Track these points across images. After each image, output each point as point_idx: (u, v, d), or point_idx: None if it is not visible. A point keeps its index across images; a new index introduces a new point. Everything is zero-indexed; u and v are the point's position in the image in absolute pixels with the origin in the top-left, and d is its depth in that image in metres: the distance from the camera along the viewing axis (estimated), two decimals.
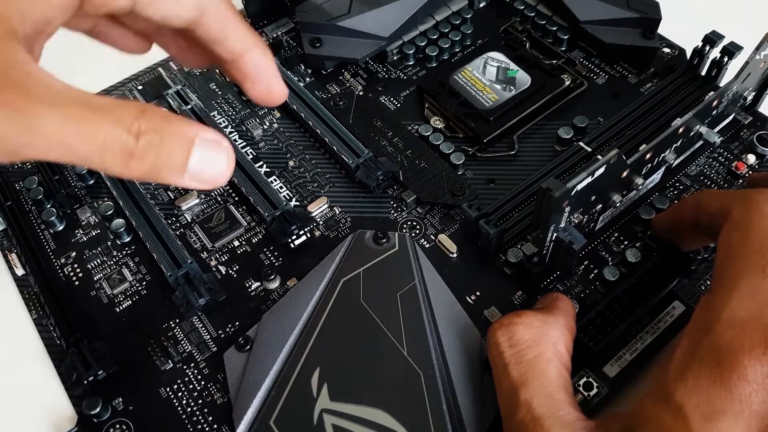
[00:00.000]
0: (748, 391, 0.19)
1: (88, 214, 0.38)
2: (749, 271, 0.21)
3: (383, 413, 0.27)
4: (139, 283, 0.35)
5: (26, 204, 0.38)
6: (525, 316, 0.26)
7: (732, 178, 0.36)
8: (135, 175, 0.20)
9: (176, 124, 0.21)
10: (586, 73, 0.42)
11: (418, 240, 0.35)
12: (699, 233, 0.28)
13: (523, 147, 0.39)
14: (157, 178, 0.21)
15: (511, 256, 0.33)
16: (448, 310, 0.30)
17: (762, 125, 0.38)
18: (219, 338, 0.32)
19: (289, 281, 0.34)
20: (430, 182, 0.37)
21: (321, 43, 0.42)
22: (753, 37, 0.32)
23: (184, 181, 0.21)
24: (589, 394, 0.29)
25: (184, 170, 0.21)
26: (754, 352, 0.19)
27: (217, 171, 0.22)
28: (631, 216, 0.35)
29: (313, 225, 0.36)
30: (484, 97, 0.39)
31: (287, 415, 0.28)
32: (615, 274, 0.31)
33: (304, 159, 0.40)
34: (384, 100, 0.42)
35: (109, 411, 0.30)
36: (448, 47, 0.44)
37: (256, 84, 0.27)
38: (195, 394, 0.31)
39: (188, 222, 0.37)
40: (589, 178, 0.26)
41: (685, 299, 0.31)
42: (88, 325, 0.33)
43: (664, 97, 0.38)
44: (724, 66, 0.37)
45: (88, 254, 0.36)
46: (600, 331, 0.29)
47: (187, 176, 0.21)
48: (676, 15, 0.42)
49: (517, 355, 0.25)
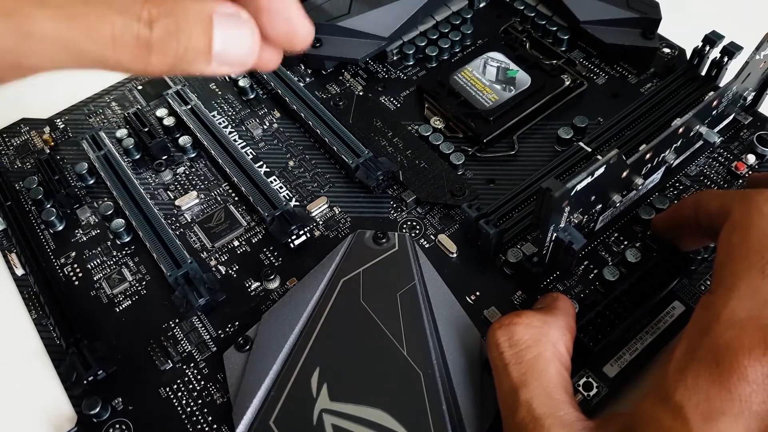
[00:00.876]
0: (748, 391, 0.19)
1: (88, 214, 0.38)
2: (749, 271, 0.21)
3: (383, 413, 0.27)
4: (139, 283, 0.35)
5: (26, 204, 0.38)
6: (525, 316, 0.26)
7: (732, 178, 0.36)
8: (158, 69, 0.18)
9: (187, 2, 0.18)
10: (586, 73, 0.42)
11: (418, 240, 0.35)
12: (699, 233, 0.28)
13: (523, 147, 0.39)
14: (183, 69, 0.19)
15: (511, 256, 0.33)
16: (448, 310, 0.30)
17: (762, 125, 0.38)
18: (219, 338, 0.32)
19: (289, 281, 0.34)
20: (430, 182, 0.37)
21: (321, 43, 0.42)
22: (753, 37, 0.32)
23: (212, 68, 0.19)
24: (589, 394, 0.29)
25: (210, 54, 0.19)
26: (753, 353, 0.19)
27: (246, 48, 0.20)
28: (631, 216, 0.35)
29: (313, 225, 0.36)
30: (484, 97, 0.39)
31: (287, 415, 0.28)
32: (615, 274, 0.31)
33: (304, 159, 0.40)
34: (384, 100, 0.42)
35: (108, 411, 0.30)
36: (448, 47, 0.44)
37: (273, 18, 0.21)
38: (195, 394, 0.31)
39: (188, 222, 0.37)
40: (589, 178, 0.26)
41: (685, 299, 0.31)
42: (88, 325, 0.33)
43: (664, 97, 0.38)
44: (724, 66, 0.37)
45: (88, 254, 0.36)
46: (600, 331, 0.29)
47: (215, 61, 0.19)
48: (676, 15, 0.42)
49: (517, 355, 0.25)
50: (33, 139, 0.42)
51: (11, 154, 0.41)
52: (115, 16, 0.17)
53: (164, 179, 0.39)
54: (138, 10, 0.18)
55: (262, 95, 0.43)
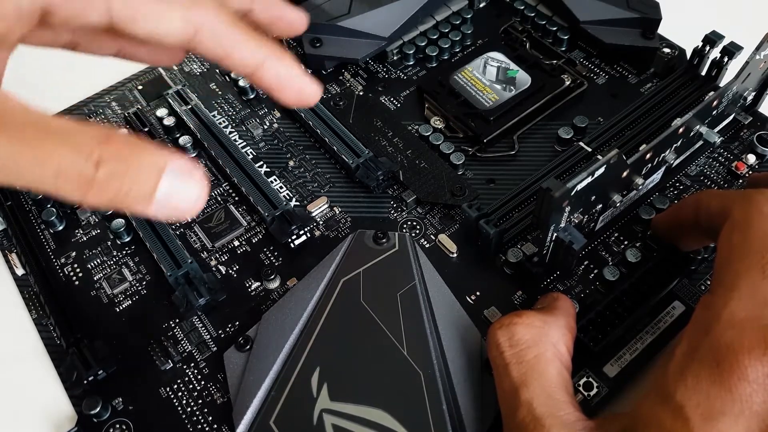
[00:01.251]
0: (749, 391, 0.19)
1: (88, 213, 0.38)
2: (749, 271, 0.21)
3: (383, 413, 0.27)
4: (139, 283, 0.35)
5: (26, 204, 0.38)
6: (525, 316, 0.26)
7: (732, 178, 0.36)
8: (95, 203, 0.19)
9: (143, 152, 0.19)
10: (586, 73, 0.42)
11: (418, 240, 0.35)
12: (699, 233, 0.28)
13: (523, 147, 0.39)
14: (120, 207, 0.20)
15: (511, 256, 0.33)
16: (448, 310, 0.30)
17: (762, 125, 0.38)
18: (219, 338, 0.32)
19: (289, 281, 0.34)
20: (430, 182, 0.37)
21: (321, 43, 0.42)
22: (753, 37, 0.32)
23: (150, 211, 0.20)
24: (589, 394, 0.29)
25: (152, 200, 0.19)
26: (754, 353, 0.19)
27: (189, 202, 0.20)
28: (631, 216, 0.35)
29: (313, 225, 0.36)
30: (484, 97, 0.39)
31: (287, 415, 0.28)
32: (615, 274, 0.31)
33: (304, 159, 0.40)
34: (384, 100, 0.42)
35: (109, 411, 0.30)
36: (448, 47, 0.44)
37: (284, 93, 0.26)
38: (195, 394, 0.31)
39: (188, 222, 0.37)
40: (589, 178, 0.26)
41: (685, 299, 0.31)
42: (88, 325, 0.33)
43: (664, 97, 0.38)
44: (724, 66, 0.37)
45: (88, 254, 0.36)
46: (600, 331, 0.29)
47: (155, 206, 0.20)
48: (676, 15, 0.42)
49: (518, 355, 0.25)
50: None
51: None
52: (66, 151, 0.18)
53: None
54: (89, 150, 0.19)
55: (262, 95, 0.43)
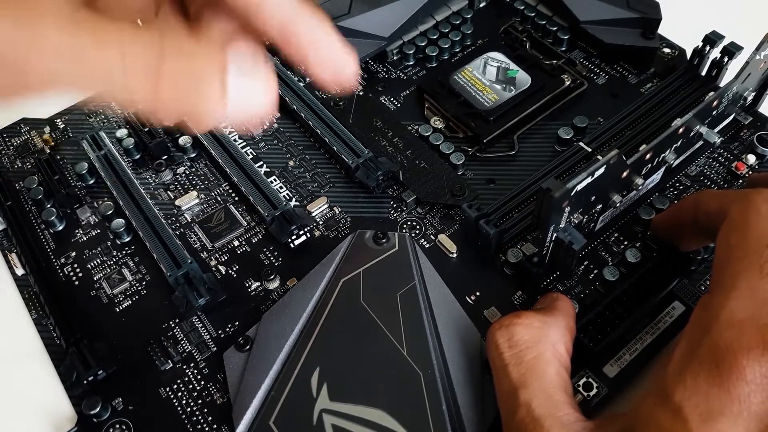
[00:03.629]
0: (747, 391, 0.19)
1: (88, 214, 0.38)
2: (747, 271, 0.21)
3: (383, 413, 0.27)
4: (139, 283, 0.35)
5: (26, 204, 0.38)
6: (524, 317, 0.26)
7: (732, 179, 0.36)
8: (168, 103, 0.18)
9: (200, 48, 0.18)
10: (586, 73, 0.42)
11: (418, 240, 0.35)
12: (698, 233, 0.28)
13: (523, 147, 0.39)
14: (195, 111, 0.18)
15: (511, 256, 0.33)
16: (447, 310, 0.30)
17: (762, 125, 0.38)
18: (219, 338, 0.32)
19: (289, 281, 0.34)
20: (430, 182, 0.37)
21: None
22: (753, 37, 0.32)
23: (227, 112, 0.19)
24: (589, 395, 0.29)
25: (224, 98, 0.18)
26: (752, 353, 0.19)
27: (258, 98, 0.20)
28: (631, 216, 0.35)
29: (313, 225, 0.36)
30: (484, 97, 0.39)
31: (287, 415, 0.28)
32: (615, 274, 0.31)
33: (304, 159, 0.40)
34: (384, 100, 0.42)
35: (108, 411, 0.30)
36: (448, 47, 0.44)
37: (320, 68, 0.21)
38: (195, 394, 0.31)
39: (188, 222, 0.37)
40: (589, 179, 0.26)
41: (685, 299, 0.31)
42: (88, 325, 0.33)
43: (664, 97, 0.38)
44: (724, 66, 0.37)
45: (88, 254, 0.36)
46: (600, 332, 0.29)
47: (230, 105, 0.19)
48: (676, 15, 0.42)
49: (517, 356, 0.25)
50: (33, 139, 0.42)
51: (11, 154, 0.41)
52: (128, 36, 0.17)
53: (164, 179, 0.39)
54: (149, 37, 0.17)
55: None
